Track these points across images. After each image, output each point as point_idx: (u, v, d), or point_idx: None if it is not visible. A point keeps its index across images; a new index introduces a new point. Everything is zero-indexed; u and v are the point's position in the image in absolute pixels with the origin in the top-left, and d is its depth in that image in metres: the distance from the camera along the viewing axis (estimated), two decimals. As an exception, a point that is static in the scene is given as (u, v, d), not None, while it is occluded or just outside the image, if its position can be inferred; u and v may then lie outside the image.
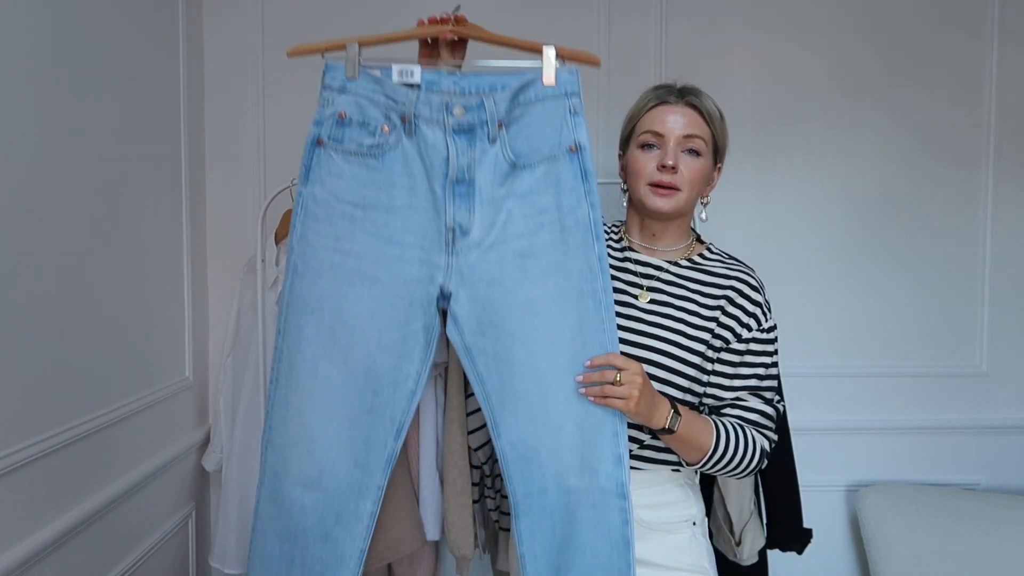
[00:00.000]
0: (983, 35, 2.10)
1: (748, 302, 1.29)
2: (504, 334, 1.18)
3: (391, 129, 1.18)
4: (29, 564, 1.26)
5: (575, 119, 1.18)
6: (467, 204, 1.17)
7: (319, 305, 1.21)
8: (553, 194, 1.18)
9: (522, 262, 1.18)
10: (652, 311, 1.28)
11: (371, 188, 1.19)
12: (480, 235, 1.18)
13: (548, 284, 1.18)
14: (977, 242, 2.14)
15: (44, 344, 1.31)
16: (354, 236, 1.20)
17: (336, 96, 1.21)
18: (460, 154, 1.17)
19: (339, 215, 1.20)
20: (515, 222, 1.18)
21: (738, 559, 1.66)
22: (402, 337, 1.20)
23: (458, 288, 1.18)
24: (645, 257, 1.34)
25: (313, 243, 1.21)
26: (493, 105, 1.17)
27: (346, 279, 1.19)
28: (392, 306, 1.19)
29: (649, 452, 1.28)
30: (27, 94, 1.27)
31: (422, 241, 1.19)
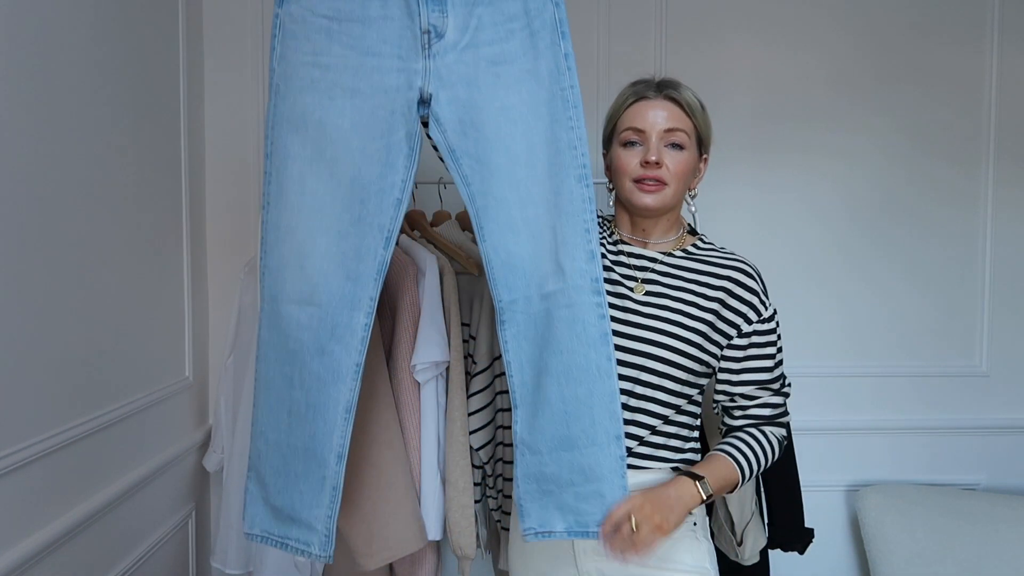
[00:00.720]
0: (983, 34, 2.11)
1: (746, 291, 1.29)
2: (483, 138, 1.20)
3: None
4: (29, 564, 1.25)
5: None
6: (440, 6, 1.19)
7: (302, 121, 1.22)
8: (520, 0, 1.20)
9: (495, 69, 1.19)
10: (648, 303, 1.28)
11: (345, 0, 1.21)
12: (455, 37, 1.19)
13: (522, 91, 1.19)
14: (977, 242, 2.14)
15: (44, 344, 1.31)
16: (331, 49, 1.21)
17: None
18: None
19: (315, 29, 1.21)
20: (485, 29, 1.19)
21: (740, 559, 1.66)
22: (386, 146, 1.21)
23: (438, 90, 1.19)
24: (638, 250, 1.34)
25: (292, 60, 1.23)
26: None
27: (327, 93, 1.21)
28: (374, 116, 1.20)
29: (648, 449, 1.27)
30: (27, 94, 1.26)
31: (398, 49, 1.20)
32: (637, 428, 1.26)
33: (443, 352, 1.57)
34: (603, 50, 2.06)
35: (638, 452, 1.27)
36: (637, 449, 1.27)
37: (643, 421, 1.26)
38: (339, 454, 1.24)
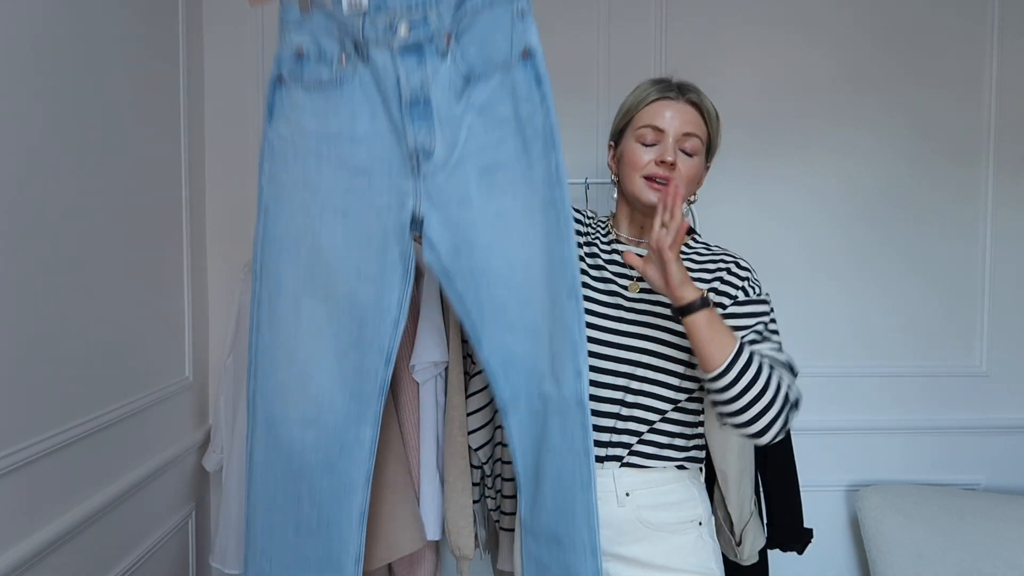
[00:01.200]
0: (984, 29, 2.10)
1: (736, 279, 1.29)
2: (478, 249, 1.17)
3: (347, 58, 1.17)
4: (29, 564, 1.25)
5: (524, 22, 1.14)
6: (427, 125, 1.15)
7: (294, 244, 1.20)
8: (511, 104, 1.16)
9: (489, 177, 1.17)
10: (643, 300, 1.29)
11: (334, 119, 1.18)
12: (444, 155, 1.16)
13: (517, 196, 1.17)
14: (978, 242, 2.14)
15: (44, 344, 1.31)
16: (321, 170, 1.18)
17: (293, 33, 1.20)
18: (410, 74, 1.14)
19: (304, 151, 1.19)
20: (476, 137, 1.16)
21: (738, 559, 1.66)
22: (380, 267, 1.19)
23: (429, 212, 1.17)
24: (634, 249, 1.35)
25: (282, 182, 1.20)
26: (437, 18, 1.13)
27: (318, 215, 1.19)
28: (367, 237, 1.18)
29: (651, 448, 1.27)
30: (27, 94, 1.27)
31: (389, 167, 1.18)
32: (635, 424, 1.26)
33: (442, 352, 1.58)
34: (603, 50, 2.06)
35: (638, 450, 1.27)
36: (637, 447, 1.27)
37: (641, 416, 1.26)
38: (357, 556, 1.24)
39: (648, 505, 1.25)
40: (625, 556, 1.24)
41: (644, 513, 1.25)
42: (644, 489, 1.26)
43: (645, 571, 1.24)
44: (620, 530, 1.24)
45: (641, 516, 1.25)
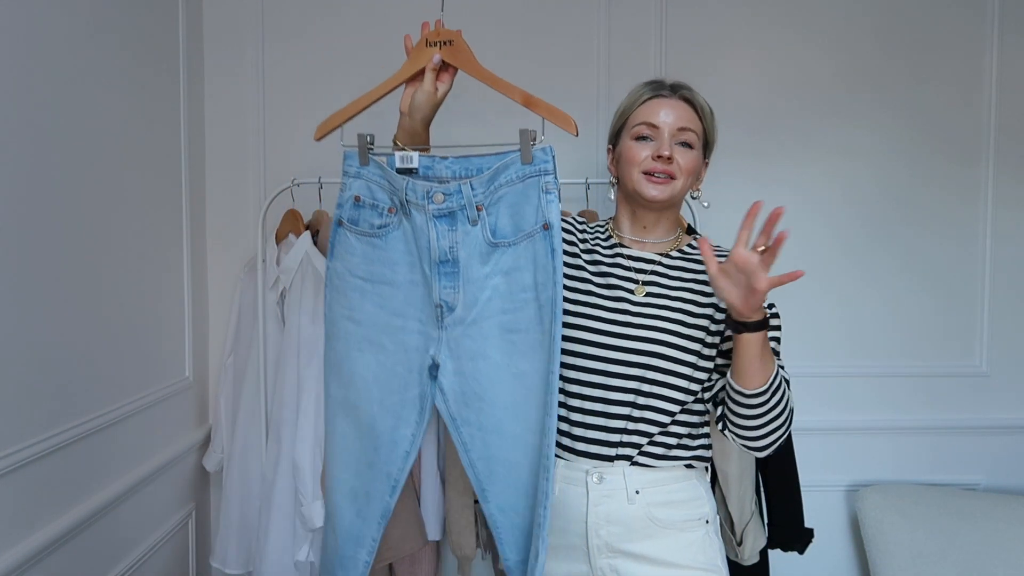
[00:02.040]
0: (984, 29, 2.11)
1: None
2: (490, 405, 1.25)
3: (395, 211, 1.29)
4: (29, 564, 1.25)
5: (547, 197, 1.23)
6: (453, 283, 1.25)
7: (339, 367, 1.35)
8: (532, 272, 1.24)
9: (510, 337, 1.25)
10: (649, 304, 1.29)
11: (377, 265, 1.31)
12: (463, 312, 1.25)
13: (535, 360, 1.24)
14: (978, 242, 2.14)
15: (44, 344, 1.31)
16: (363, 307, 1.32)
17: (352, 181, 1.33)
18: (441, 237, 1.25)
19: (351, 288, 1.33)
20: (501, 298, 1.25)
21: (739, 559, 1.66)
22: (400, 401, 1.30)
23: (446, 360, 1.27)
24: (636, 252, 1.35)
25: (335, 312, 1.35)
26: (470, 190, 1.24)
27: (356, 345, 1.32)
28: (394, 372, 1.30)
29: (660, 449, 1.28)
30: (27, 94, 1.27)
31: (421, 314, 1.29)
32: (647, 425, 1.27)
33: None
34: (603, 50, 2.06)
35: (648, 451, 1.27)
36: (647, 448, 1.27)
37: (651, 417, 1.27)
38: None
39: (658, 503, 1.26)
40: (635, 553, 1.25)
41: (654, 511, 1.26)
42: (654, 487, 1.27)
43: (654, 567, 1.25)
44: (630, 527, 1.24)
45: (651, 513, 1.25)
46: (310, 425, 1.67)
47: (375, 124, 1.40)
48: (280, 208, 1.90)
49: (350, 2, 2.04)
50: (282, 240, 1.87)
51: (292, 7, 2.03)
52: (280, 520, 1.71)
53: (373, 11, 2.04)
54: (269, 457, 1.77)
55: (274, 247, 1.87)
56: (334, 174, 1.90)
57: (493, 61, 2.07)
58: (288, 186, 1.82)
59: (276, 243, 1.87)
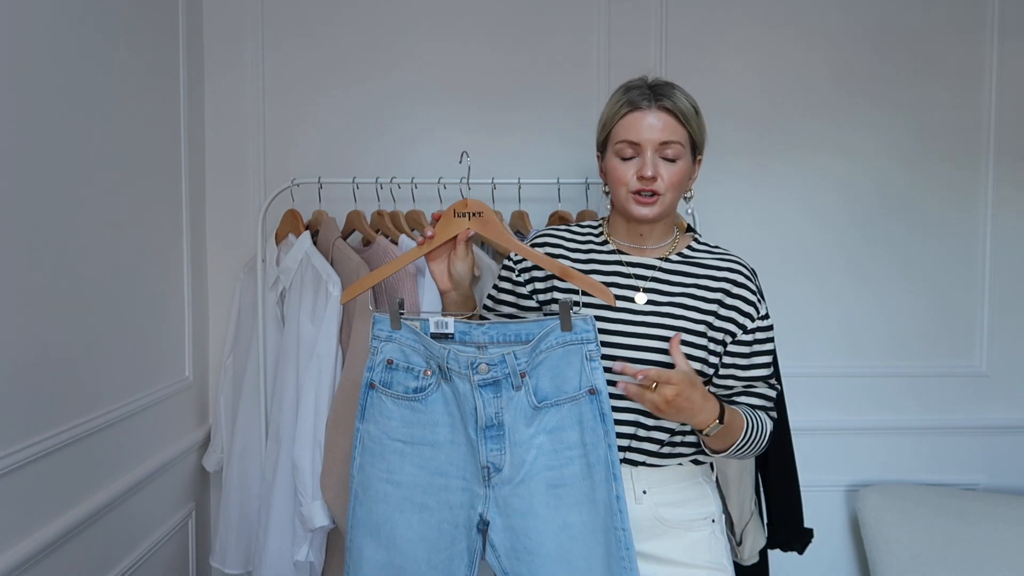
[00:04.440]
0: (984, 31, 2.11)
1: (745, 291, 1.30)
2: (540, 558, 1.25)
3: (432, 373, 1.30)
4: (29, 564, 1.25)
5: (591, 364, 1.24)
6: (499, 445, 1.26)
7: (376, 529, 1.33)
8: (578, 431, 1.24)
9: (555, 491, 1.25)
10: (650, 311, 1.29)
11: (417, 427, 1.31)
12: (511, 473, 1.26)
13: (582, 513, 1.25)
14: (977, 242, 2.14)
15: (44, 344, 1.31)
16: (403, 468, 1.31)
17: (384, 344, 1.33)
18: (487, 405, 1.25)
19: (390, 451, 1.32)
20: (545, 456, 1.26)
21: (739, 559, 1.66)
22: (448, 557, 1.29)
23: (495, 517, 1.27)
24: (636, 258, 1.34)
25: (369, 474, 1.34)
26: (514, 359, 1.24)
27: (397, 506, 1.31)
28: (439, 529, 1.30)
29: (667, 448, 1.29)
30: (27, 94, 1.27)
31: (464, 472, 1.29)
32: (660, 432, 1.28)
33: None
34: (603, 50, 2.06)
35: (659, 453, 1.29)
36: (657, 451, 1.28)
37: (665, 425, 1.28)
38: None
39: (665, 503, 1.27)
40: (642, 552, 1.25)
41: (661, 510, 1.27)
42: (661, 487, 1.28)
43: (662, 567, 1.26)
44: (638, 527, 1.25)
45: (658, 513, 1.26)
46: (310, 425, 1.66)
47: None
48: (280, 208, 1.90)
49: (350, 2, 2.04)
50: (282, 240, 1.87)
51: (292, 7, 2.03)
52: (280, 520, 1.71)
53: (373, 11, 2.04)
54: (269, 457, 1.77)
55: (274, 247, 1.87)
56: (334, 174, 1.91)
57: (494, 61, 2.08)
58: (288, 186, 1.82)
59: (276, 243, 1.87)
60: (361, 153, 2.05)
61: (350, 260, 1.71)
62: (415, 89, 2.05)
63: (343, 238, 1.81)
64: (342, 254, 1.74)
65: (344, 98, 2.06)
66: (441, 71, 2.06)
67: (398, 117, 2.05)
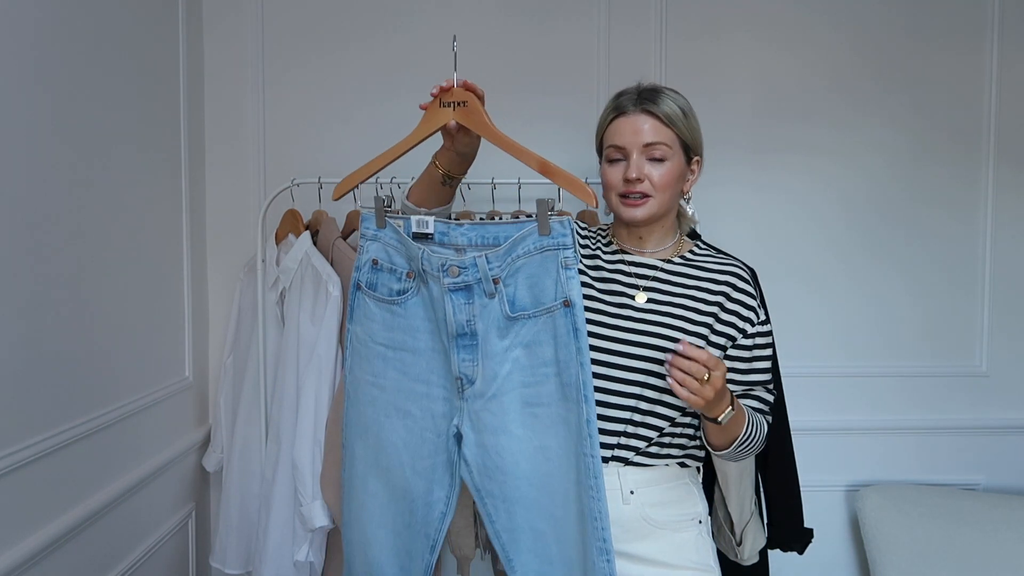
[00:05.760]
0: (983, 35, 2.11)
1: (744, 295, 1.31)
2: (514, 479, 1.22)
3: (414, 276, 1.27)
4: (29, 564, 1.25)
5: (567, 273, 1.19)
6: (471, 356, 1.23)
7: (365, 430, 1.33)
8: (553, 347, 1.21)
9: (532, 410, 1.22)
10: (650, 310, 1.29)
11: (397, 332, 1.29)
12: (483, 386, 1.23)
13: (558, 434, 1.21)
14: (977, 242, 2.14)
15: (44, 344, 1.31)
16: (387, 373, 1.30)
17: (370, 244, 1.31)
18: (458, 311, 1.22)
19: (374, 354, 1.31)
20: (521, 371, 1.22)
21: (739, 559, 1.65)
22: (432, 465, 1.28)
23: (468, 432, 1.24)
24: (638, 258, 1.35)
25: (358, 376, 1.33)
26: (485, 264, 1.21)
27: (384, 410, 1.31)
28: (422, 438, 1.28)
29: (655, 448, 1.29)
30: (27, 94, 1.27)
31: (444, 380, 1.27)
32: (648, 430, 1.28)
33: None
34: (603, 51, 2.06)
35: (647, 451, 1.28)
36: (646, 448, 1.28)
37: (653, 423, 1.27)
38: None
39: (652, 503, 1.27)
40: (630, 553, 1.25)
41: (648, 511, 1.26)
42: (648, 487, 1.27)
43: (649, 567, 1.26)
44: (625, 527, 1.25)
45: (645, 513, 1.26)
46: (310, 425, 1.67)
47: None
48: (280, 208, 1.90)
49: (351, 2, 2.04)
50: (282, 240, 1.87)
51: (292, 7, 2.03)
52: (280, 520, 1.71)
53: (374, 11, 2.04)
54: (269, 457, 1.77)
55: (274, 247, 1.87)
56: (334, 174, 1.90)
57: (494, 60, 2.08)
58: (288, 186, 1.82)
59: (276, 243, 1.87)
60: (361, 153, 2.04)
61: (350, 260, 1.71)
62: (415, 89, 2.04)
63: (343, 238, 1.81)
64: (342, 254, 1.74)
65: (344, 98, 2.06)
66: (441, 71, 2.05)
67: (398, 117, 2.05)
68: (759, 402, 1.33)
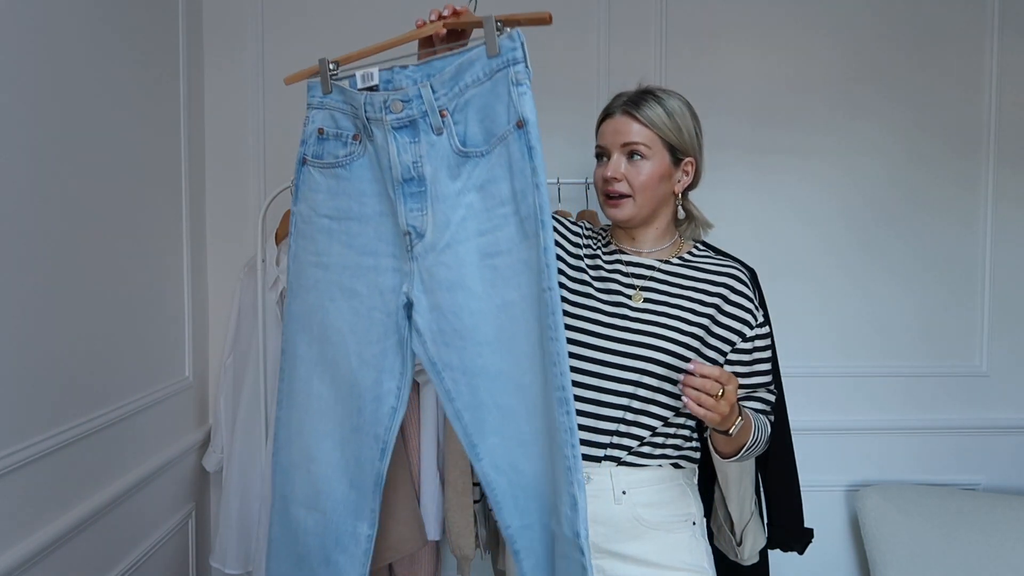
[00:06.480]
0: (982, 37, 2.11)
1: (742, 298, 1.31)
2: (473, 343, 1.09)
3: (360, 137, 1.15)
4: (29, 564, 1.25)
5: (519, 89, 1.04)
6: (420, 203, 1.10)
7: (308, 322, 1.20)
8: (508, 180, 1.06)
9: (491, 262, 1.08)
10: (646, 310, 1.29)
11: (343, 198, 1.17)
12: (434, 237, 1.10)
13: (521, 285, 1.07)
14: (977, 243, 2.14)
15: (44, 344, 1.31)
16: (331, 249, 1.18)
17: (315, 113, 1.20)
18: (403, 151, 1.10)
19: (318, 229, 1.19)
20: (476, 217, 1.09)
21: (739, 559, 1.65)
22: (381, 351, 1.15)
23: (419, 295, 1.11)
24: (636, 258, 1.35)
25: (301, 260, 1.21)
26: (431, 93, 1.08)
27: (327, 293, 1.18)
28: (370, 319, 1.15)
29: (649, 448, 1.28)
30: (27, 94, 1.27)
31: (394, 248, 1.14)
32: (640, 429, 1.27)
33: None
34: (603, 53, 2.06)
35: (639, 451, 1.28)
36: (638, 448, 1.28)
37: (645, 422, 1.27)
38: None
39: (644, 503, 1.27)
40: (622, 553, 1.25)
41: (640, 511, 1.26)
42: (640, 487, 1.27)
43: (641, 568, 1.25)
44: (617, 528, 1.24)
45: (637, 514, 1.26)
46: (310, 425, 1.66)
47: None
48: (279, 208, 1.90)
49: (350, 5, 2.04)
50: (282, 240, 1.87)
51: (293, 6, 2.03)
52: (280, 520, 1.71)
53: (375, 10, 2.04)
54: (269, 457, 1.77)
55: (274, 247, 1.87)
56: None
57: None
58: (288, 186, 1.82)
59: (276, 243, 1.87)
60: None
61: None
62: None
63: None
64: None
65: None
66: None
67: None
68: (762, 403, 1.34)
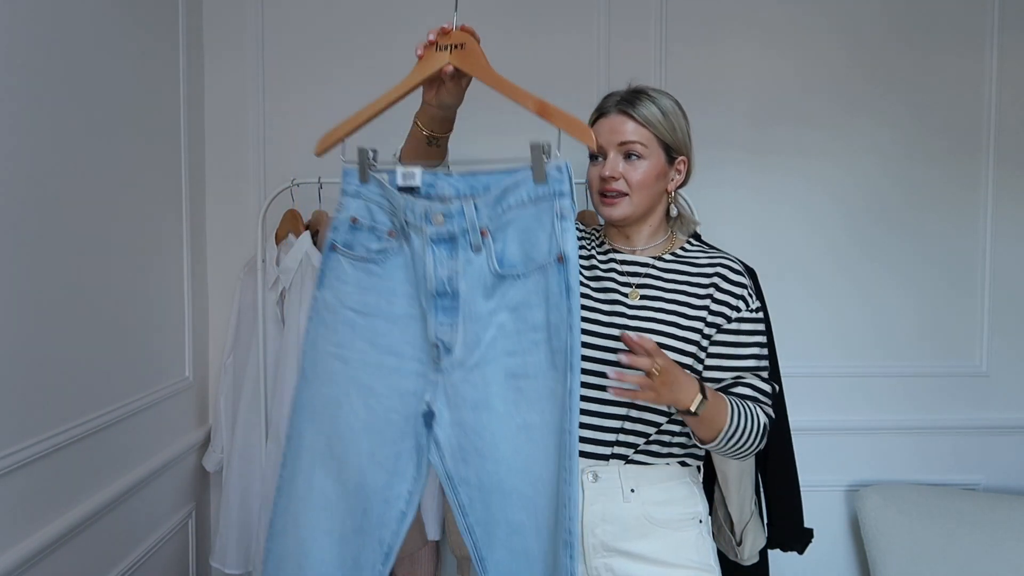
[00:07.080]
0: (982, 37, 2.11)
1: (733, 286, 1.30)
2: (491, 462, 1.09)
3: (396, 234, 1.14)
4: (29, 564, 1.25)
5: (563, 224, 1.06)
6: (451, 319, 1.10)
7: (319, 413, 1.17)
8: (544, 309, 1.07)
9: (516, 383, 1.09)
10: (643, 307, 1.29)
11: (372, 295, 1.15)
12: (463, 354, 1.10)
13: (544, 411, 1.08)
14: (977, 243, 2.14)
15: (44, 344, 1.31)
16: (353, 343, 1.15)
17: (350, 201, 1.18)
18: (439, 265, 1.10)
19: (342, 321, 1.16)
20: (507, 338, 1.09)
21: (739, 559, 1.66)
22: (395, 453, 1.13)
23: (442, 409, 1.11)
24: (630, 256, 1.35)
25: (319, 349, 1.18)
26: (473, 211, 1.09)
27: (343, 388, 1.15)
28: (387, 420, 1.14)
29: (655, 447, 1.28)
30: (27, 94, 1.27)
31: (420, 353, 1.13)
32: (644, 426, 1.27)
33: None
34: (603, 52, 2.06)
35: (646, 449, 1.28)
36: (644, 447, 1.28)
37: (649, 419, 1.27)
38: None
39: (653, 501, 1.27)
40: (630, 552, 1.25)
41: (650, 509, 1.26)
42: (649, 485, 1.27)
43: (649, 566, 1.25)
44: (626, 526, 1.25)
45: (647, 512, 1.26)
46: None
47: (376, 138, 1.26)
48: (280, 208, 1.90)
49: (352, 4, 2.04)
50: (282, 240, 1.87)
51: (293, 6, 2.03)
52: (280, 520, 1.71)
53: (375, 10, 2.04)
54: (269, 457, 1.77)
55: (274, 247, 1.87)
56: (334, 174, 1.89)
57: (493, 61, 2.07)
58: (288, 186, 1.82)
59: (276, 243, 1.87)
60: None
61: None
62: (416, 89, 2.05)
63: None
64: (342, 254, 1.73)
65: (344, 98, 2.04)
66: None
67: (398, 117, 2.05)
68: (751, 390, 1.29)
